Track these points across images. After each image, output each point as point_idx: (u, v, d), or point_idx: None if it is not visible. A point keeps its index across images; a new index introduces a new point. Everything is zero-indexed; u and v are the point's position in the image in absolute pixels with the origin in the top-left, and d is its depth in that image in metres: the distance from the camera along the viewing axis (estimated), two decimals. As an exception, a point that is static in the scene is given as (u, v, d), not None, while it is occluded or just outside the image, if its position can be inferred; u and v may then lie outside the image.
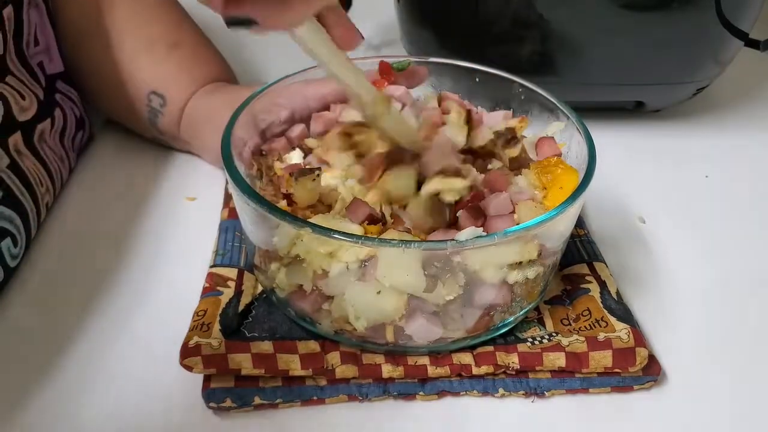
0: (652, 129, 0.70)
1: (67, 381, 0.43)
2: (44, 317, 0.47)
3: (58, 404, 0.42)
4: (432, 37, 0.67)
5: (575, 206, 0.41)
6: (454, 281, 0.40)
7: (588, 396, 0.43)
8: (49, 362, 0.44)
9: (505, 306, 0.42)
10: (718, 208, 0.60)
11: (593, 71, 0.64)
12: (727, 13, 0.60)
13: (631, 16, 0.61)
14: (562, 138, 0.49)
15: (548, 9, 0.60)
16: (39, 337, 0.46)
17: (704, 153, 0.67)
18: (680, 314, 0.49)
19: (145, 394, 0.42)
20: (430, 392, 0.43)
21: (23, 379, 0.43)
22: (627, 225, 0.57)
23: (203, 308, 0.45)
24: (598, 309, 0.46)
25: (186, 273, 0.50)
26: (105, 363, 0.44)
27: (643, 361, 0.42)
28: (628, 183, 0.62)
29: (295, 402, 0.42)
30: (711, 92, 0.70)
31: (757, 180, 0.64)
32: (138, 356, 0.45)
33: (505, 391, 0.43)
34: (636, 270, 0.53)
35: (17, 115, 0.51)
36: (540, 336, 0.44)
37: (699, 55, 0.64)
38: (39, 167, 0.52)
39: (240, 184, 0.41)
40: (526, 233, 0.39)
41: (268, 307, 0.46)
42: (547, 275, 0.45)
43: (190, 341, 0.42)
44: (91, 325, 0.47)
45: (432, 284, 0.39)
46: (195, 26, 0.65)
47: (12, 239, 0.48)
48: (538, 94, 0.50)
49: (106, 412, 0.41)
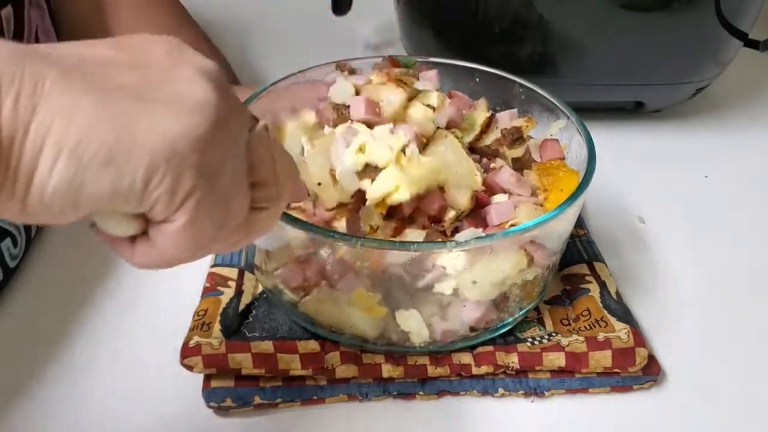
0: (652, 129, 0.70)
1: (66, 380, 0.43)
2: (44, 317, 0.47)
3: (57, 403, 0.42)
4: (432, 37, 0.67)
5: (575, 207, 0.41)
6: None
7: (587, 396, 0.44)
8: (49, 361, 0.44)
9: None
10: (718, 208, 0.60)
11: (593, 71, 0.64)
12: (726, 13, 0.60)
13: (631, 16, 0.61)
14: (562, 138, 0.49)
15: (548, 9, 0.60)
16: (39, 337, 0.46)
17: (704, 153, 0.67)
18: (680, 314, 0.49)
19: (145, 394, 0.43)
20: (429, 392, 0.43)
21: (23, 379, 0.43)
22: (627, 225, 0.57)
23: (204, 308, 0.45)
24: (598, 309, 0.46)
25: (186, 273, 0.50)
26: (105, 362, 0.44)
27: (643, 361, 0.43)
28: (628, 183, 0.62)
29: (295, 402, 0.42)
30: (711, 92, 0.70)
31: (757, 180, 0.64)
32: (138, 356, 0.45)
33: (504, 391, 0.43)
34: (636, 270, 0.53)
35: None
36: (540, 336, 0.44)
37: (699, 55, 0.64)
38: None
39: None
40: (526, 234, 0.39)
41: (269, 307, 0.46)
42: (547, 276, 0.45)
43: (191, 341, 0.42)
44: (90, 324, 0.47)
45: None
46: (196, 27, 0.65)
47: (12, 239, 0.48)
48: (538, 94, 0.50)
49: (106, 412, 0.42)
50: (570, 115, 0.48)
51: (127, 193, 0.23)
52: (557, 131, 0.50)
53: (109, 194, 0.23)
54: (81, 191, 0.22)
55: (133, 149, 0.22)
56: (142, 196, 0.23)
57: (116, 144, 0.22)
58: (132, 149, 0.22)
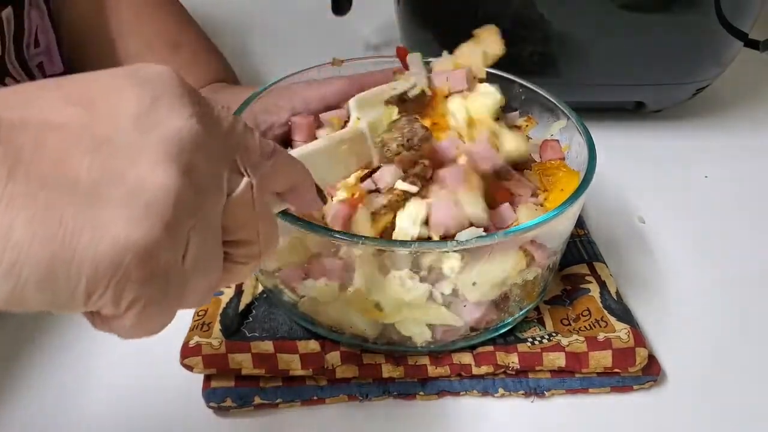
0: (652, 129, 0.70)
1: (67, 380, 0.43)
2: (44, 317, 0.47)
3: (57, 404, 0.42)
4: (432, 37, 0.67)
5: (575, 206, 0.41)
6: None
7: (588, 396, 0.44)
8: (48, 362, 0.44)
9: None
10: (718, 208, 0.60)
11: (593, 71, 0.64)
12: (726, 13, 0.60)
13: (631, 17, 0.61)
14: (563, 138, 0.49)
15: (548, 9, 0.60)
16: (39, 337, 0.46)
17: (704, 153, 0.67)
18: (680, 314, 0.49)
19: (145, 394, 0.43)
20: (430, 392, 0.43)
21: (23, 379, 0.43)
22: (627, 225, 0.57)
23: (204, 308, 0.45)
24: (598, 309, 0.46)
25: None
26: (105, 362, 0.44)
27: (643, 361, 0.42)
28: (628, 183, 0.62)
29: (295, 402, 0.42)
30: (711, 92, 0.70)
31: (757, 180, 0.64)
32: (138, 356, 0.45)
33: (504, 391, 0.43)
34: (636, 270, 0.53)
35: None
36: (540, 336, 0.44)
37: (699, 55, 0.64)
38: None
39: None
40: (526, 234, 0.39)
41: (269, 307, 0.46)
42: (547, 276, 0.45)
43: (191, 341, 0.42)
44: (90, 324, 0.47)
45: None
46: (196, 27, 0.65)
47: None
48: (538, 94, 0.50)
49: (107, 412, 0.42)
50: (570, 115, 0.48)
51: (68, 305, 0.22)
52: (557, 131, 0.50)
53: (51, 306, 0.22)
54: (23, 303, 0.22)
55: (71, 267, 0.21)
56: (84, 306, 0.22)
57: (53, 263, 0.21)
58: (70, 267, 0.21)
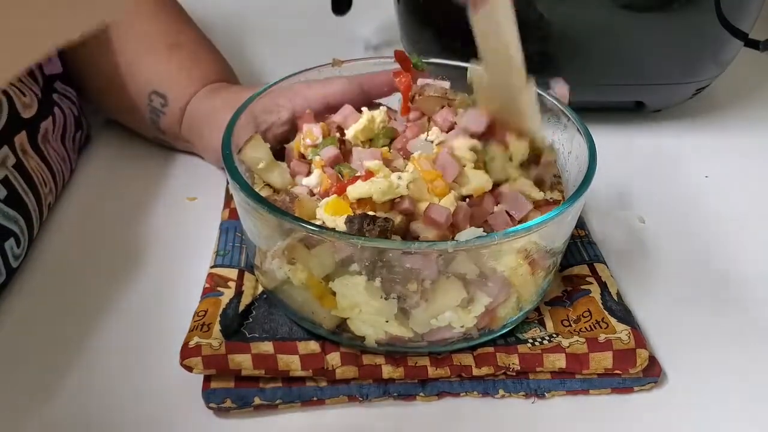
0: (652, 129, 0.70)
1: (67, 380, 0.43)
2: (45, 317, 0.47)
3: (57, 403, 0.42)
4: (432, 37, 0.67)
5: (575, 207, 0.41)
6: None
7: (588, 397, 0.43)
8: (49, 362, 0.44)
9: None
10: (718, 208, 0.60)
11: (593, 71, 0.64)
12: (726, 13, 0.60)
13: (631, 16, 0.61)
14: (563, 139, 0.49)
15: (549, 9, 0.60)
16: (40, 337, 0.46)
17: (704, 153, 0.67)
18: (681, 315, 0.49)
19: (145, 394, 0.43)
20: (430, 393, 0.43)
21: (24, 379, 0.43)
22: (627, 225, 0.57)
23: (203, 308, 0.45)
24: (599, 310, 0.46)
25: (186, 273, 0.50)
26: (105, 363, 0.44)
27: (644, 362, 0.42)
28: (628, 183, 0.62)
29: (295, 402, 0.42)
30: (711, 92, 0.70)
31: (757, 180, 0.64)
32: (138, 356, 0.45)
33: (505, 392, 0.43)
34: (636, 270, 0.53)
35: (21, 111, 0.51)
36: (540, 337, 0.44)
37: (699, 55, 0.64)
38: (43, 167, 0.53)
39: (241, 184, 0.41)
40: (526, 233, 0.39)
41: (269, 307, 0.46)
42: (548, 276, 0.45)
43: (191, 341, 0.42)
44: (91, 324, 0.47)
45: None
46: (195, 27, 0.65)
47: (15, 240, 0.48)
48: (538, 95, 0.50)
49: (107, 412, 0.42)
50: (570, 115, 0.48)
51: None
52: (558, 131, 0.50)
53: None
54: None
55: None
56: None
57: None
58: None
